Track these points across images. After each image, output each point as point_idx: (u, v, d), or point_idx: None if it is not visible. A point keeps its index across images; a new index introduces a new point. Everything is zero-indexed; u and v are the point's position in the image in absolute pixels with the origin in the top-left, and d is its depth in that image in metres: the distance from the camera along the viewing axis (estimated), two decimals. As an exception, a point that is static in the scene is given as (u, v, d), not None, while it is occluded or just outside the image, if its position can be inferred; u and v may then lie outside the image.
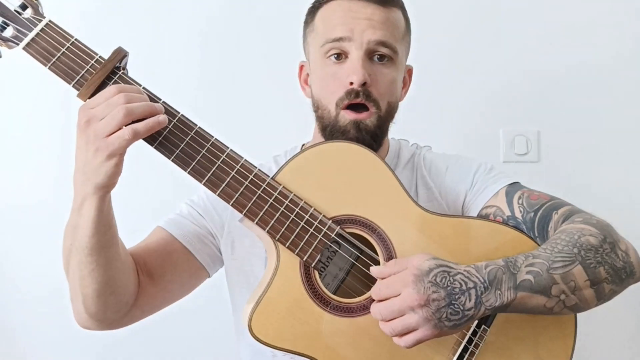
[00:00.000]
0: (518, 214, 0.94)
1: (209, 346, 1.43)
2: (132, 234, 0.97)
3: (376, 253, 0.88)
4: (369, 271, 0.84)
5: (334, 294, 0.87)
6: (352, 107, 0.96)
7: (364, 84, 0.94)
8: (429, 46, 1.51)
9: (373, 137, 0.97)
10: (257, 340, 0.81)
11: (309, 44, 1.04)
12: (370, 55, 0.97)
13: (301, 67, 1.08)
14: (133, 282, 0.91)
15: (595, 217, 0.89)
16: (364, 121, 0.96)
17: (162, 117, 0.78)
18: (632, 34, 1.56)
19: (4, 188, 1.46)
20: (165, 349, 1.44)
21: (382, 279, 0.80)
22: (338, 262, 0.92)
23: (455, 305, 0.75)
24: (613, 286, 0.83)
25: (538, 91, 1.54)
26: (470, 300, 0.76)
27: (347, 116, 0.96)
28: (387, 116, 1.00)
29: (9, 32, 0.82)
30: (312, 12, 1.04)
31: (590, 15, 1.55)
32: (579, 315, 0.90)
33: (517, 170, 1.45)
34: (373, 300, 0.85)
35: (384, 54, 0.97)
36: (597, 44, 1.55)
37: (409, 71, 1.09)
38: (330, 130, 0.97)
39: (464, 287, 0.76)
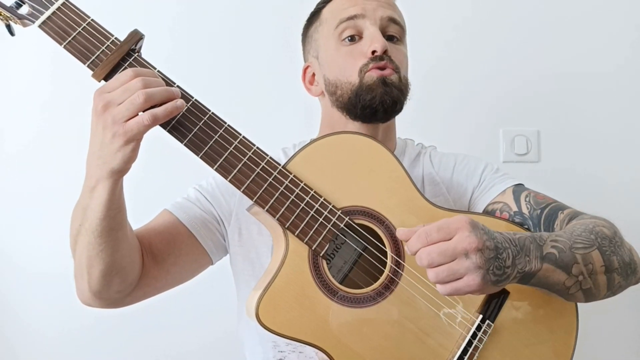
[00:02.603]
0: (525, 210, 0.96)
1: (211, 331, 1.43)
2: (140, 216, 0.97)
3: (383, 245, 0.88)
4: (380, 253, 0.85)
5: (339, 285, 0.87)
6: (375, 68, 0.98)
7: (385, 51, 0.97)
8: (429, 46, 1.52)
9: (400, 92, 0.99)
10: (264, 328, 0.81)
11: (316, 39, 1.05)
12: (382, 32, 1.00)
13: (305, 70, 1.09)
14: (138, 263, 0.91)
15: (602, 217, 0.92)
16: (389, 77, 0.97)
17: (180, 102, 0.78)
18: (632, 33, 1.57)
19: (7, 175, 1.45)
20: (167, 333, 1.43)
21: (407, 240, 0.77)
22: (344, 254, 0.92)
23: (500, 260, 0.74)
24: (621, 279, 0.86)
25: (538, 91, 1.55)
26: (509, 259, 0.75)
27: (373, 74, 0.97)
28: (406, 84, 1.02)
29: (24, 9, 0.82)
30: (316, 13, 1.07)
31: (590, 16, 1.57)
32: (581, 313, 0.92)
33: (517, 170, 1.46)
34: (380, 292, 0.86)
35: (394, 34, 1.02)
36: (597, 44, 1.56)
37: None
38: (356, 95, 0.98)
39: (504, 245, 0.76)
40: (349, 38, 1.00)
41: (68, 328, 1.41)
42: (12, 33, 0.86)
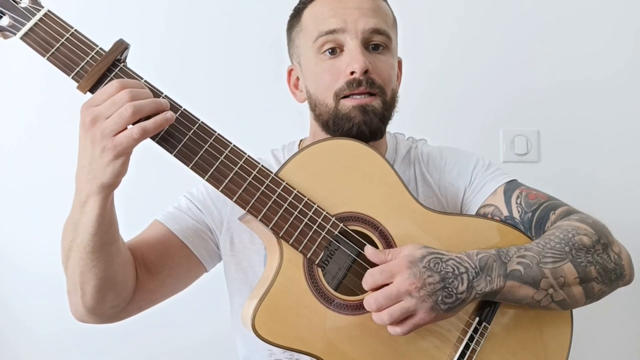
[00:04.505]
0: (516, 214, 0.95)
1: (207, 333, 1.43)
2: (131, 229, 0.96)
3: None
4: (365, 253, 0.84)
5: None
6: (353, 96, 0.93)
7: (365, 72, 0.92)
8: (429, 46, 1.52)
9: (381, 120, 0.94)
10: (261, 339, 0.80)
11: (298, 46, 1.01)
12: (365, 44, 0.94)
13: (289, 72, 1.05)
14: (132, 277, 0.90)
15: (592, 218, 0.91)
16: (369, 104, 0.93)
17: (170, 114, 0.76)
18: (632, 34, 1.58)
19: (5, 174, 1.46)
20: (165, 334, 1.44)
21: (377, 261, 0.82)
22: (338, 260, 0.91)
23: (449, 289, 0.77)
24: (602, 286, 0.85)
25: (538, 91, 1.55)
26: (462, 284, 0.78)
27: (348, 103, 0.93)
28: (391, 102, 0.97)
29: (5, 21, 0.80)
30: (297, 15, 1.01)
31: (591, 16, 1.57)
32: (576, 314, 0.92)
33: (517, 170, 1.45)
34: (376, 297, 0.85)
35: (379, 43, 0.96)
36: (597, 44, 1.57)
37: (399, 63, 1.07)
38: (333, 122, 0.94)
39: (456, 272, 0.79)
40: (330, 51, 0.94)
41: (66, 327, 1.38)
42: (-8, 45, 0.84)
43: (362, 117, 0.92)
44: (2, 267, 1.44)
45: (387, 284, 0.78)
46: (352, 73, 0.92)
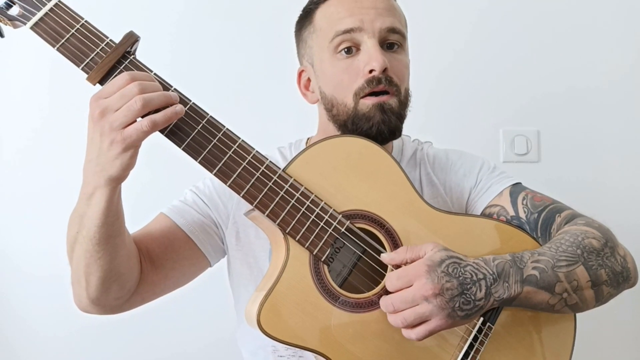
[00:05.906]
0: (522, 215, 0.96)
1: (211, 333, 1.43)
2: (137, 222, 0.96)
3: (384, 248, 0.88)
4: (379, 257, 0.84)
5: (339, 289, 0.87)
6: (372, 94, 0.93)
7: (384, 70, 0.92)
8: (430, 45, 1.52)
9: (398, 118, 0.95)
10: (266, 335, 0.80)
11: (310, 46, 1.00)
12: (382, 43, 0.95)
13: (300, 74, 1.05)
14: (136, 269, 0.90)
15: (597, 222, 0.91)
16: (387, 102, 0.93)
17: (180, 107, 0.76)
18: (633, 34, 1.58)
19: (7, 176, 1.46)
20: (167, 335, 1.44)
21: (394, 265, 0.81)
22: (343, 257, 0.91)
23: (467, 295, 0.76)
24: (611, 289, 0.86)
25: (538, 91, 1.55)
26: (480, 291, 0.77)
27: (368, 102, 0.93)
28: (406, 102, 0.98)
29: (14, 10, 0.79)
30: (307, 15, 1.01)
31: (591, 17, 1.58)
32: (579, 314, 0.92)
33: (517, 170, 1.46)
34: (382, 295, 0.85)
35: (394, 42, 0.96)
36: (597, 44, 1.57)
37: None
38: (352, 122, 0.94)
39: (474, 278, 0.77)
40: (346, 50, 0.94)
41: (68, 329, 1.41)
42: (1, 34, 0.83)
43: (381, 117, 0.93)
44: (4, 269, 1.43)
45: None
46: (371, 71, 0.92)
